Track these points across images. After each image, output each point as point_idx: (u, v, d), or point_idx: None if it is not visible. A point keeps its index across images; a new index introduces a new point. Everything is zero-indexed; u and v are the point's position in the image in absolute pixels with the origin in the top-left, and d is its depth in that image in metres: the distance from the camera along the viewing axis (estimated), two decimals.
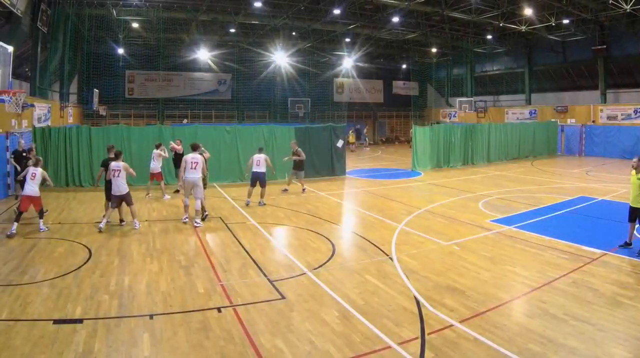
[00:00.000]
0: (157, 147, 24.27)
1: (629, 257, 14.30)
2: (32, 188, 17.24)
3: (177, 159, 24.38)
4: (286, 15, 46.28)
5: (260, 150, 23.23)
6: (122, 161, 18.24)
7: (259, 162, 22.38)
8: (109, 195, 18.44)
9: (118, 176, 17.82)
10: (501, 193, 25.75)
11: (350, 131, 56.73)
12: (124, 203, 18.46)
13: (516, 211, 21.11)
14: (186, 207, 19.24)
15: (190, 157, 18.91)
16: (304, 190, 25.98)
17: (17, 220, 17.07)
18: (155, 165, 24.17)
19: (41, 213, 17.83)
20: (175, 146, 24.96)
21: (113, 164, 17.90)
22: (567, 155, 48.83)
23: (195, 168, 18.79)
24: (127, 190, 18.16)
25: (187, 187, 18.95)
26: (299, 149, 26.14)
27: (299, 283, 12.45)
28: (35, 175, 17.39)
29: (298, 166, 25.83)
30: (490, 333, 9.35)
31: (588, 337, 9.20)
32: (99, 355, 8.59)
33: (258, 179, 22.47)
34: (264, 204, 22.24)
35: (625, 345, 8.91)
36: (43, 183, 17.86)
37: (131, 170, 18.42)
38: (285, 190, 26.24)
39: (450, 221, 19.32)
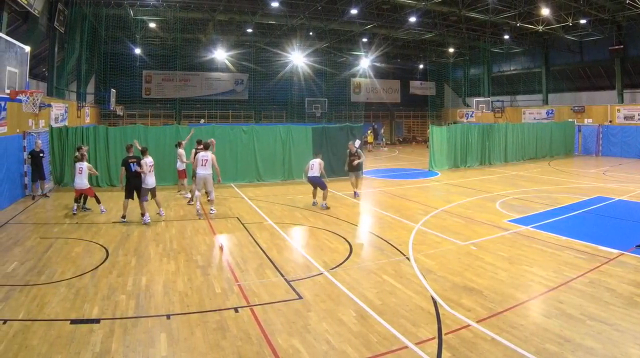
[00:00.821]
0: (178, 145, 24.34)
1: None
2: (80, 181, 19.62)
3: None
4: (303, 15, 46.36)
5: (316, 154, 23.30)
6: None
7: (313, 166, 22.34)
8: (128, 194, 18.98)
9: (150, 172, 18.92)
10: (518, 193, 25.69)
11: (369, 131, 56.72)
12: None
13: (533, 211, 21.03)
14: (197, 196, 20.50)
15: (201, 155, 20.16)
16: (356, 193, 25.27)
17: (77, 202, 20.14)
18: (179, 164, 24.32)
19: (97, 199, 20.87)
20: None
21: (148, 160, 18.99)
22: (584, 155, 48.66)
23: (205, 165, 20.04)
24: (155, 184, 19.31)
25: (199, 182, 20.43)
26: (360, 151, 25.68)
27: (316, 283, 12.46)
28: (82, 170, 19.58)
29: (357, 168, 25.17)
30: (507, 333, 9.32)
31: (605, 337, 9.17)
32: (116, 355, 8.64)
33: (314, 183, 22.53)
34: (327, 207, 21.97)
35: None
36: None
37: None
38: (356, 194, 25.21)
39: (468, 221, 19.29)
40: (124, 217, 19.05)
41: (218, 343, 9.09)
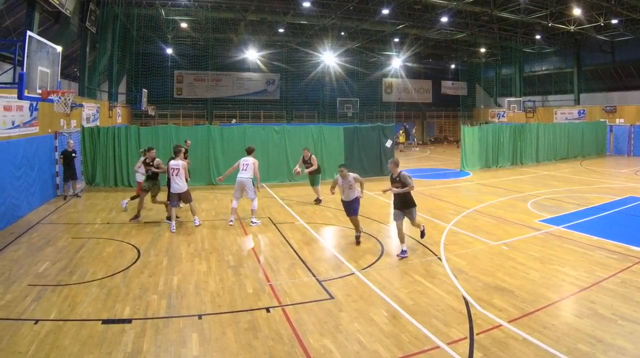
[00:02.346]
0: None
1: None
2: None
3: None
4: (335, 15, 46.36)
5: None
6: (182, 159, 18.46)
7: (247, 165, 21.42)
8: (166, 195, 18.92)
9: (176, 175, 17.99)
10: (550, 193, 25.57)
11: (400, 131, 56.62)
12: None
13: (565, 211, 20.96)
14: (233, 209, 19.33)
15: (243, 160, 19.14)
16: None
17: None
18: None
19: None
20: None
21: (172, 163, 18.15)
22: (615, 155, 48.06)
23: (245, 169, 18.96)
24: (186, 188, 18.32)
25: (237, 188, 19.06)
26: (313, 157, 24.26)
27: (348, 283, 12.51)
28: (178, 170, 18.05)
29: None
30: (539, 333, 9.34)
31: (637, 337, 9.18)
32: (148, 355, 8.77)
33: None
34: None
35: None
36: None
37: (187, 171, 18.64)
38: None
39: (499, 221, 19.28)
40: (169, 219, 18.99)
41: (250, 343, 9.19)
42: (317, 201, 23.40)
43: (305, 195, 23.37)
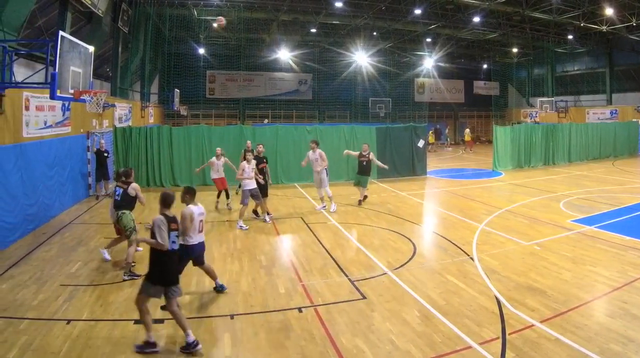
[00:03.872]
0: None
1: None
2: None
3: None
4: (367, 15, 46.35)
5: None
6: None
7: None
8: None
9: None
10: (582, 193, 25.44)
11: (430, 132, 56.50)
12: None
13: (597, 211, 20.87)
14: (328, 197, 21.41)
15: (311, 154, 21.42)
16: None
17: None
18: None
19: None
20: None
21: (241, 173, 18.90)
22: None
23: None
24: (255, 186, 18.92)
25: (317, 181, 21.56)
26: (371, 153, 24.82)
27: (380, 283, 12.57)
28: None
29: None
30: (571, 334, 9.37)
31: None
32: (181, 355, 8.92)
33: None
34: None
35: None
36: None
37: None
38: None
39: (531, 221, 19.23)
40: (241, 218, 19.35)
41: (282, 344, 9.29)
42: (361, 201, 23.49)
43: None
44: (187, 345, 8.94)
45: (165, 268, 9.38)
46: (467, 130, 56.41)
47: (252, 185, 18.71)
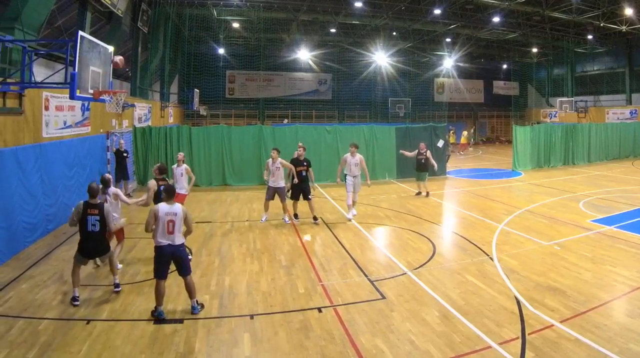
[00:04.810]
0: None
1: None
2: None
3: None
4: (386, 15, 46.40)
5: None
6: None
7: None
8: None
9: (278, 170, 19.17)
10: (602, 193, 25.38)
11: (451, 131, 56.30)
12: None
13: (617, 211, 20.84)
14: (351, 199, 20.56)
15: (349, 157, 20.58)
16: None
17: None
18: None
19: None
20: None
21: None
22: None
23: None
24: (283, 185, 19.35)
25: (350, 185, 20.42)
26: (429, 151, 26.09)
27: (400, 283, 12.59)
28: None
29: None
30: (590, 334, 9.38)
31: None
32: (200, 355, 8.97)
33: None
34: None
35: None
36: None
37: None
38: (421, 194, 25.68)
39: (551, 221, 19.21)
40: (296, 216, 19.87)
41: (301, 343, 9.34)
42: (419, 194, 24.74)
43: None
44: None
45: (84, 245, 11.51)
46: (465, 133, 55.91)
47: (274, 183, 19.12)
